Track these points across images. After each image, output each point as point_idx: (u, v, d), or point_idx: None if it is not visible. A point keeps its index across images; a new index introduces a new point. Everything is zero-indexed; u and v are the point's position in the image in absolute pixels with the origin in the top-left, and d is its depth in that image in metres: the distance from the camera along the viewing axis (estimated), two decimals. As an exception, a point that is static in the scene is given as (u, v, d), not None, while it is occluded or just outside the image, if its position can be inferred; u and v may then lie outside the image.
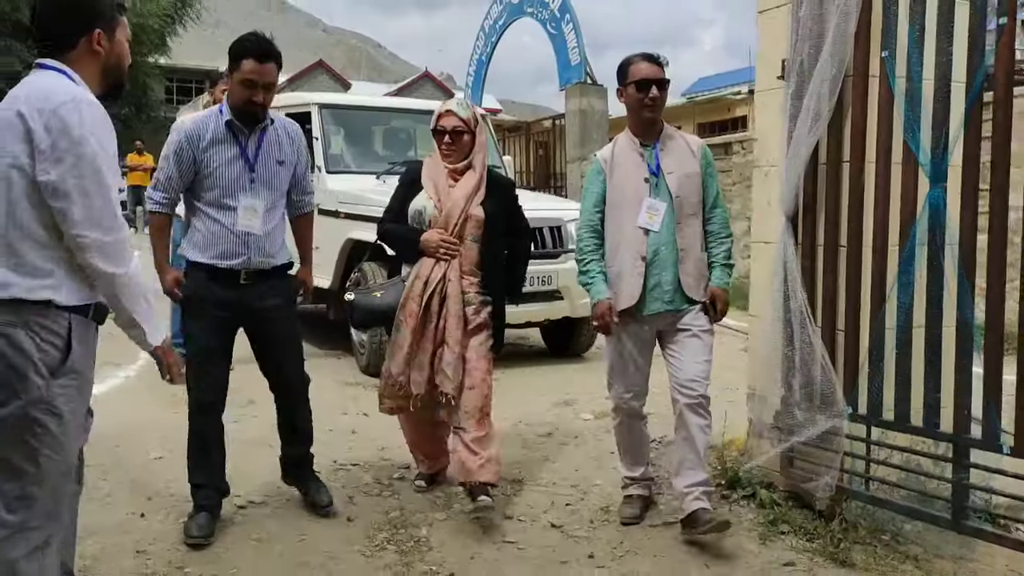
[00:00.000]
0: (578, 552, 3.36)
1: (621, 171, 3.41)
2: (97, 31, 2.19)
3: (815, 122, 3.51)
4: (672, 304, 3.37)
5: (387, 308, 3.57)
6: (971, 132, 3.02)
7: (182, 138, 3.16)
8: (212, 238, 3.18)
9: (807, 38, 3.56)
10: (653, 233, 3.33)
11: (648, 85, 3.33)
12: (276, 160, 3.27)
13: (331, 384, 5.76)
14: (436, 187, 3.54)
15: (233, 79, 3.15)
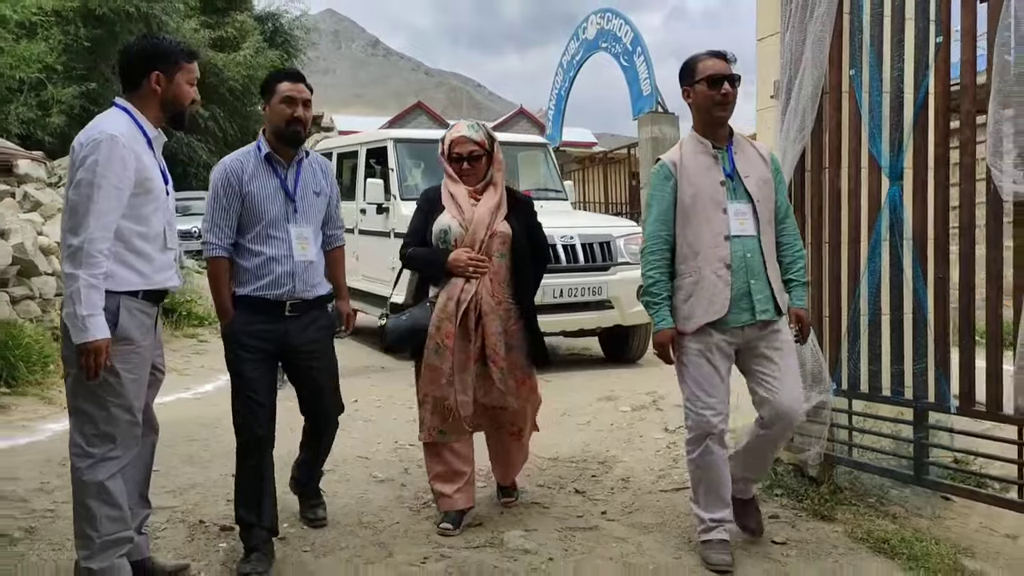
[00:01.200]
0: (595, 511, 3.90)
1: (693, 175, 3.15)
2: (156, 73, 2.73)
3: (799, 133, 4.01)
4: (766, 314, 3.11)
5: (410, 328, 3.53)
6: (918, 136, 3.47)
7: (225, 175, 3.15)
8: (258, 270, 3.15)
9: (791, 62, 4.08)
10: (736, 238, 3.09)
11: (720, 81, 3.12)
12: (313, 191, 3.28)
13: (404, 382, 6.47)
14: (459, 206, 3.52)
15: (272, 103, 3.19)
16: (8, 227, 6.38)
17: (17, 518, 3.54)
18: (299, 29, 29.50)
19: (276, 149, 3.21)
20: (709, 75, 3.13)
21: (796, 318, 3.19)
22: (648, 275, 3.19)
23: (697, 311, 3.10)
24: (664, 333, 3.15)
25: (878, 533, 3.46)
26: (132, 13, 17.60)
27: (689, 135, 3.27)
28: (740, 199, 3.13)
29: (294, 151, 3.24)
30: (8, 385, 5.38)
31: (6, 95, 14.55)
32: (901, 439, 3.65)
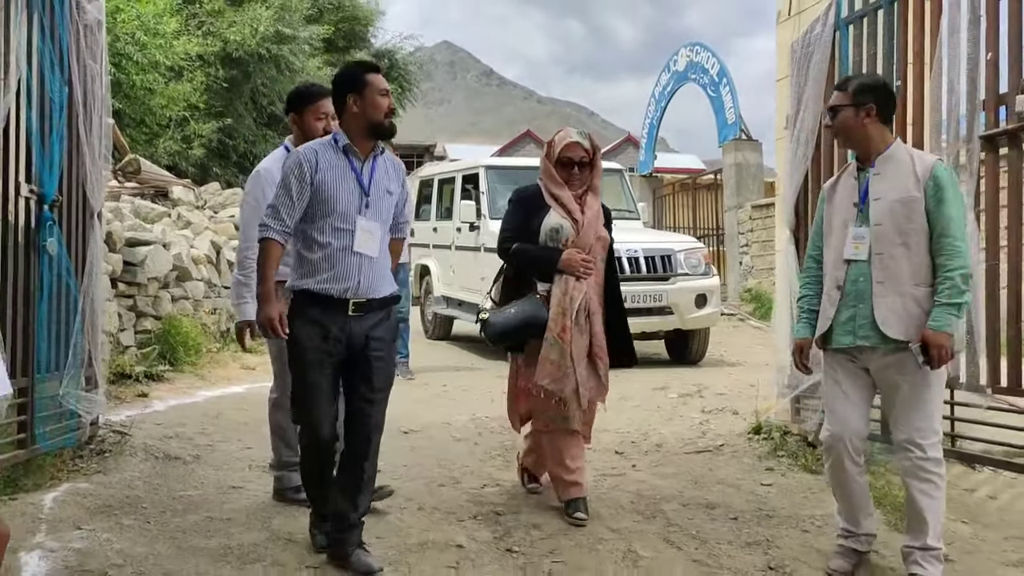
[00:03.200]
0: (626, 464, 4.81)
1: (837, 197, 3.24)
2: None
3: (803, 158, 4.88)
4: (866, 340, 3.06)
5: (521, 322, 3.59)
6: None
7: (299, 162, 3.03)
8: (323, 262, 3.01)
9: (797, 99, 4.94)
10: (854, 263, 3.11)
11: (828, 113, 3.23)
12: (386, 189, 3.16)
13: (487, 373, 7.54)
14: (567, 208, 3.61)
15: (367, 95, 3.04)
16: (169, 240, 7.83)
17: (188, 449, 4.75)
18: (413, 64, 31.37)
19: (356, 143, 3.09)
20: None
21: (923, 339, 2.94)
22: (800, 290, 3.41)
23: (819, 328, 3.23)
24: (797, 341, 3.34)
25: (860, 484, 4.23)
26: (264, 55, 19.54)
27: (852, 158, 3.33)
28: (863, 223, 3.11)
29: (372, 145, 3.13)
30: (170, 364, 6.74)
31: (157, 130, 16.53)
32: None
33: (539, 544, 3.49)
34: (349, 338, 3.05)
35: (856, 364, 3.16)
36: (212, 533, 3.46)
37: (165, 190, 10.44)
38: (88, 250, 4.46)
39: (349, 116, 3.09)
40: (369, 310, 3.08)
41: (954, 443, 4.21)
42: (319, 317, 3.02)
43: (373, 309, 3.09)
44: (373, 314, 3.10)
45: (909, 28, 4.12)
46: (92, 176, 4.47)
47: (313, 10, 23.49)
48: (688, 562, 3.33)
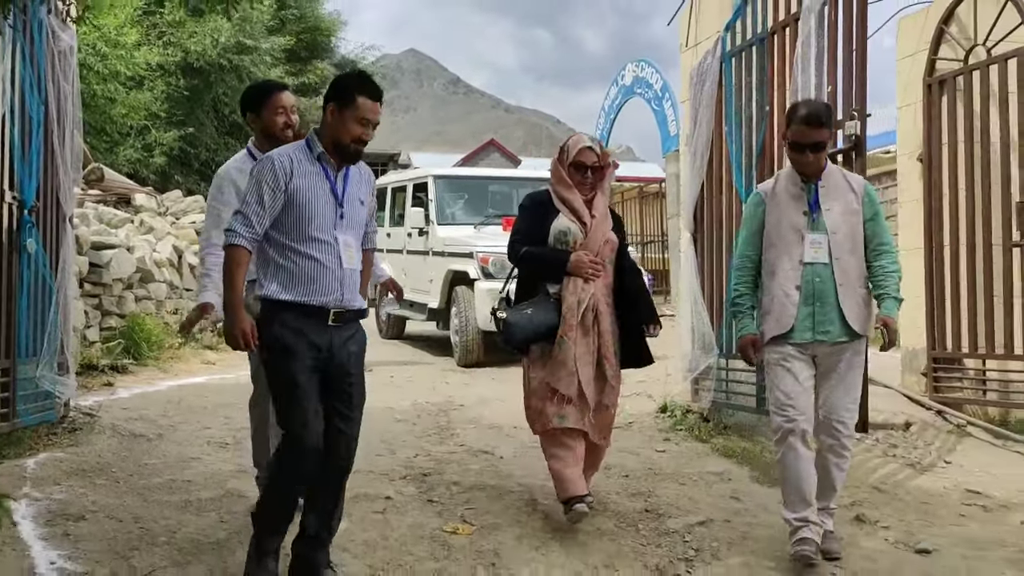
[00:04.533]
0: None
1: (781, 204, 3.41)
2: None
3: (699, 169, 5.58)
4: (828, 335, 3.33)
5: (540, 324, 3.63)
6: (762, 171, 4.98)
7: (272, 167, 2.90)
8: (304, 274, 2.91)
9: (694, 118, 5.66)
10: (809, 265, 3.33)
11: (803, 149, 3.32)
12: (359, 199, 3.10)
13: (434, 367, 8.16)
14: (576, 211, 3.67)
15: (345, 115, 2.92)
16: (133, 244, 8.34)
17: (151, 428, 5.30)
18: (376, 75, 31.78)
19: (330, 153, 2.99)
20: (793, 140, 3.33)
21: (883, 324, 3.29)
22: (735, 288, 3.54)
23: (770, 325, 3.40)
24: (746, 338, 3.48)
25: (732, 447, 4.94)
26: (224, 65, 19.94)
27: (787, 167, 3.52)
28: (818, 230, 3.34)
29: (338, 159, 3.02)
30: (134, 358, 7.26)
31: (118, 139, 16.89)
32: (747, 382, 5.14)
33: (457, 496, 4.13)
34: (331, 347, 2.96)
35: (806, 355, 3.38)
36: (174, 491, 4.04)
37: (128, 197, 10.91)
38: (61, 250, 5.01)
39: (325, 124, 2.99)
40: (346, 321, 3.02)
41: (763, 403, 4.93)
42: (300, 326, 2.90)
43: (349, 320, 3.04)
44: (349, 325, 3.04)
45: (774, 62, 4.84)
46: (64, 185, 5.01)
47: (275, 21, 23.86)
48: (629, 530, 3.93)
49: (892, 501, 4.21)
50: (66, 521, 3.50)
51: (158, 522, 3.59)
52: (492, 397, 6.73)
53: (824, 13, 4.38)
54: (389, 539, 3.56)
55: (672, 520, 3.87)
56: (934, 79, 5.86)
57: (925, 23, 5.99)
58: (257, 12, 21.21)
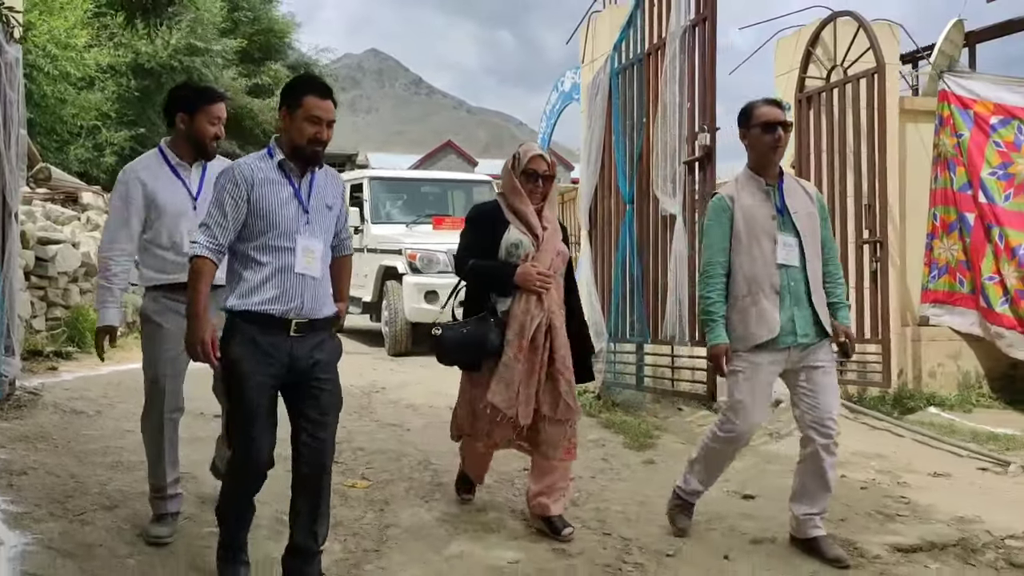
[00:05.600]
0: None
1: (748, 208, 3.37)
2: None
3: (593, 174, 6.24)
4: (807, 337, 3.34)
5: (473, 343, 3.51)
6: (640, 176, 5.65)
7: (234, 177, 2.87)
8: (264, 282, 2.86)
9: (589, 127, 6.31)
10: (784, 268, 3.32)
11: (774, 127, 3.33)
12: (326, 204, 3.03)
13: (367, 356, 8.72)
14: (528, 223, 3.56)
15: (296, 116, 2.90)
16: (79, 240, 8.77)
17: (91, 406, 5.80)
18: (330, 77, 32.14)
19: (290, 159, 2.95)
20: (764, 121, 3.34)
21: (843, 333, 3.42)
22: (707, 296, 3.42)
23: (752, 331, 3.33)
24: (719, 347, 3.36)
25: (614, 420, 5.59)
26: (176, 66, 20.21)
27: (743, 172, 3.48)
28: (788, 232, 3.34)
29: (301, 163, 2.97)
30: (78, 347, 7.72)
31: (68, 139, 17.12)
32: (630, 363, 5.80)
33: (360, 459, 4.72)
34: (292, 360, 2.86)
35: (776, 364, 3.37)
36: (107, 455, 4.57)
37: (75, 196, 11.27)
38: (7, 243, 5.48)
39: (282, 130, 2.98)
40: (311, 331, 2.91)
41: (674, 385, 5.60)
42: (258, 337, 2.83)
43: (315, 330, 2.92)
44: (315, 335, 2.92)
45: (650, 80, 5.51)
46: (10, 183, 5.49)
47: (227, 23, 24.10)
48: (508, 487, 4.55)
49: (736, 459, 4.87)
50: (10, 475, 4.02)
51: (91, 478, 4.12)
52: (413, 381, 7.31)
53: (684, 39, 5.05)
54: (294, 491, 4.14)
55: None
56: (803, 95, 6.59)
57: (797, 44, 6.72)
58: (208, 14, 21.53)
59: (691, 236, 4.98)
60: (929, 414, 6.13)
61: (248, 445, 2.86)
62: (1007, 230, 6.13)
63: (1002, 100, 6.24)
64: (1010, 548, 3.63)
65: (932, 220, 6.62)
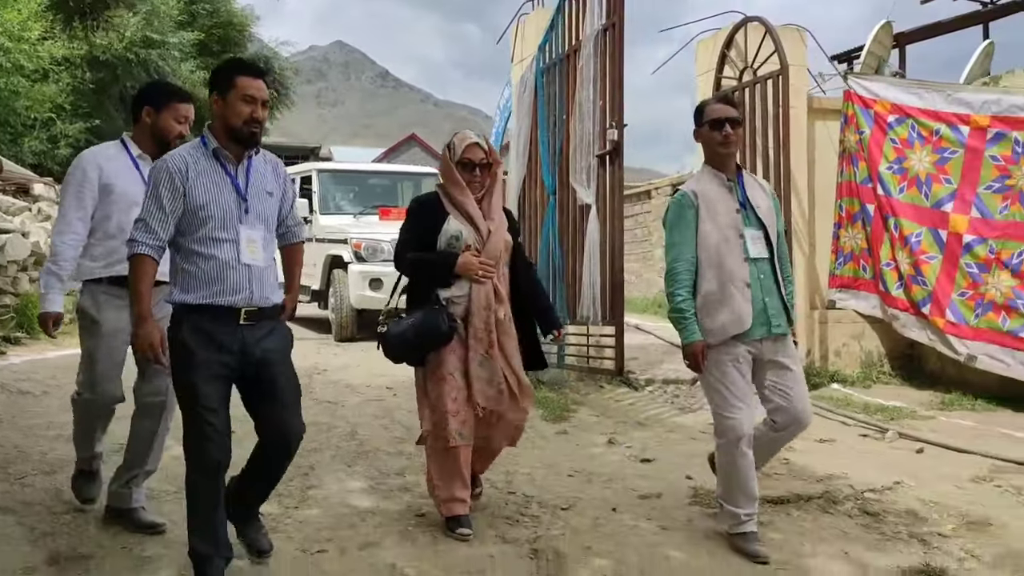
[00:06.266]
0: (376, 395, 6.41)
1: (713, 203, 3.39)
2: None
3: (521, 166, 6.62)
4: (779, 328, 3.39)
5: (422, 336, 3.42)
6: (561, 168, 6.05)
7: (167, 171, 2.82)
8: (210, 275, 2.81)
9: (518, 123, 6.69)
10: (753, 261, 3.35)
11: (722, 124, 3.37)
12: (266, 191, 2.97)
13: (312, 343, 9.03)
14: (470, 214, 3.49)
15: (229, 99, 2.85)
16: (29, 230, 8.97)
17: (38, 387, 6.06)
18: (289, 70, 32.04)
19: (225, 146, 2.90)
20: (712, 118, 3.39)
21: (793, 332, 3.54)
22: (677, 294, 3.38)
23: (724, 325, 3.33)
24: (696, 344, 3.34)
25: (539, 397, 5.96)
26: (131, 59, 20.19)
27: (703, 168, 3.50)
28: (753, 225, 3.38)
29: (242, 148, 2.93)
30: (27, 333, 7.94)
31: (22, 131, 17.10)
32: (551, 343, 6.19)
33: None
34: (243, 349, 2.83)
35: (751, 353, 3.39)
36: (51, 429, 4.86)
37: (26, 187, 11.41)
38: (-45, 231, 5.73)
39: (215, 116, 2.91)
40: (260, 319, 2.89)
41: (588, 363, 6.01)
42: (208, 328, 2.80)
43: (264, 318, 2.90)
44: (264, 323, 2.91)
45: (569, 79, 5.90)
46: (-42, 173, 5.73)
47: (185, 15, 24.05)
48: (391, 438, 4.95)
49: (643, 430, 5.33)
50: (-45, 446, 4.31)
51: (33, 448, 4.42)
52: (354, 364, 7.63)
53: (596, 43, 5.45)
54: (225, 457, 4.48)
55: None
56: (719, 93, 7.02)
57: (714, 46, 7.16)
58: (165, 7, 21.51)
59: (603, 224, 5.38)
60: (831, 390, 6.62)
61: (199, 442, 2.79)
62: (901, 220, 6.62)
63: (898, 100, 6.72)
64: (867, 499, 4.09)
65: (838, 211, 7.10)
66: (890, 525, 3.79)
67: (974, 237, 6.21)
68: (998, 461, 4.75)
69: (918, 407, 6.14)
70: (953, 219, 6.30)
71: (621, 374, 5.45)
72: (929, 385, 6.92)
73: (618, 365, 5.27)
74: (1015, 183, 6.04)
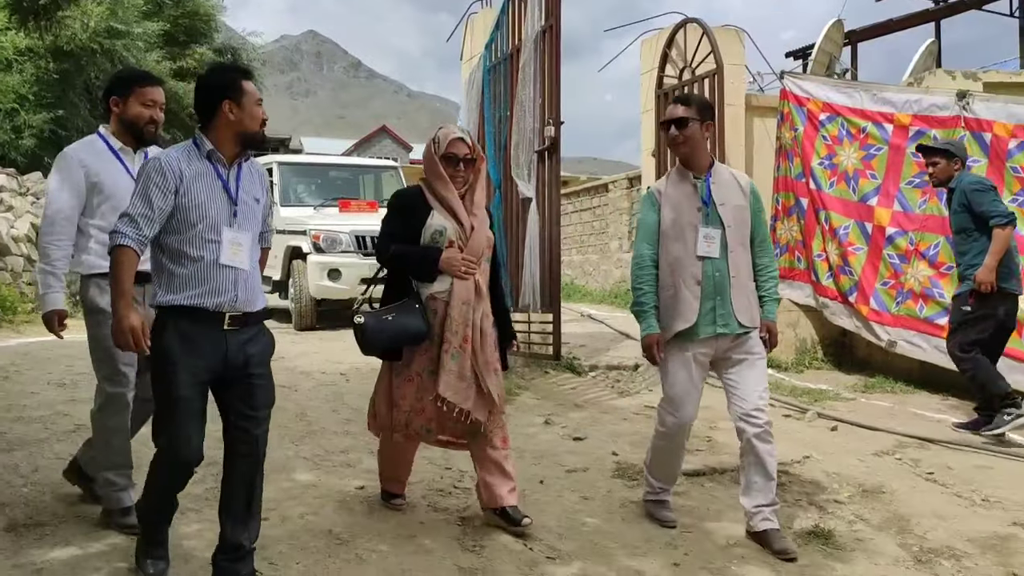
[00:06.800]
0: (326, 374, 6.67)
1: (674, 201, 3.46)
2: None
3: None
4: (727, 328, 3.41)
5: (401, 331, 3.40)
6: (505, 163, 6.33)
7: (162, 169, 2.80)
8: (195, 276, 2.80)
9: (466, 119, 6.95)
10: (708, 260, 3.40)
11: (668, 125, 3.46)
12: (254, 197, 3.00)
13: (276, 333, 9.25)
14: (453, 209, 3.46)
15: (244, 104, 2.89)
16: (-10, 220, 9.11)
17: (3, 370, 6.26)
18: (256, 60, 31.98)
19: (220, 149, 2.90)
20: (662, 121, 3.54)
21: (766, 329, 3.52)
22: (638, 288, 3.49)
23: (673, 321, 3.43)
24: (651, 337, 3.44)
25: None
26: (96, 49, 20.14)
27: (675, 166, 3.61)
28: (712, 224, 3.42)
29: (238, 152, 2.94)
30: (-10, 322, 8.13)
31: (-16, 122, 17.05)
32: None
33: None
34: (226, 355, 2.81)
35: (705, 356, 3.47)
36: (11, 411, 5.07)
37: (-12, 177, 11.48)
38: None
39: (222, 122, 2.88)
40: (244, 324, 2.87)
41: (530, 348, 6.32)
42: (191, 331, 2.78)
43: (248, 323, 2.89)
44: (248, 328, 2.89)
45: (512, 78, 6.18)
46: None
47: (151, 5, 23.94)
48: (339, 419, 5.21)
49: (579, 411, 5.64)
50: (-83, 427, 4.52)
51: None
52: (312, 352, 7.87)
53: (536, 43, 5.73)
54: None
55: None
56: (661, 91, 7.35)
57: (657, 45, 7.47)
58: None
59: (541, 217, 5.68)
60: (764, 375, 6.97)
61: (178, 442, 2.78)
62: (831, 214, 6.99)
63: (829, 99, 7.08)
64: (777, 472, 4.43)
65: (775, 204, 7.46)
66: (793, 494, 4.14)
67: (896, 229, 6.58)
68: (902, 437, 5.13)
69: (843, 390, 6.51)
70: (878, 212, 6.67)
71: (559, 358, 5.76)
72: (858, 370, 7.30)
73: (555, 350, 5.57)
74: (933, 179, 6.42)
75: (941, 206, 6.26)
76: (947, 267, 6.22)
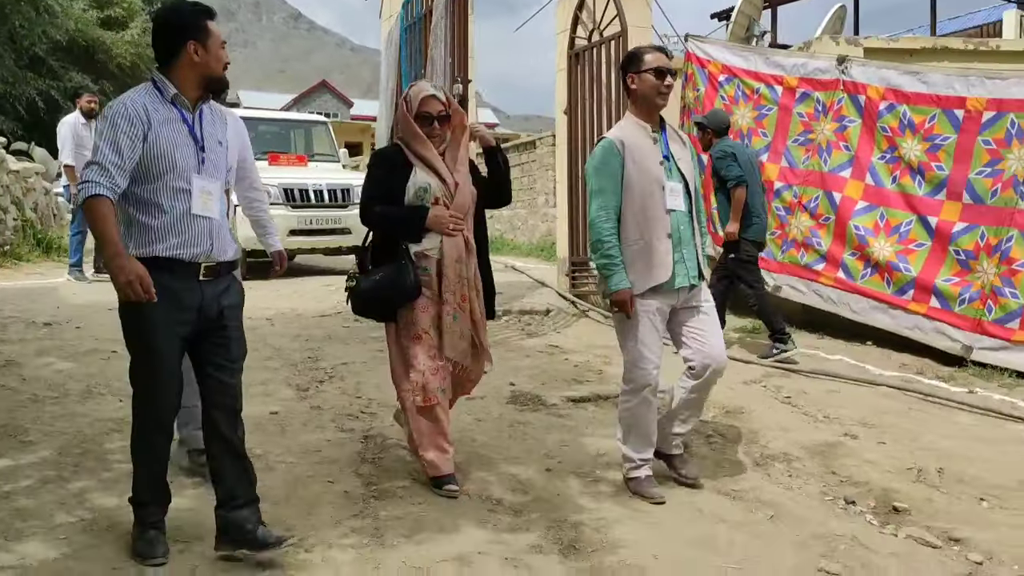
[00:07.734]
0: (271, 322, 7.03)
1: (638, 154, 3.42)
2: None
3: (388, 117, 7.23)
4: (695, 279, 3.48)
5: (391, 290, 3.40)
6: (420, 119, 6.70)
7: (128, 115, 2.67)
8: (169, 227, 2.73)
9: (385, 76, 7.28)
10: (673, 212, 3.42)
11: (664, 73, 3.43)
12: (217, 140, 2.89)
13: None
14: (435, 167, 3.42)
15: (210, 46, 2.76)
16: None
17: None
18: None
19: (184, 92, 2.79)
20: (656, 67, 3.42)
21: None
22: (606, 240, 3.41)
23: (645, 275, 3.40)
24: (625, 292, 3.39)
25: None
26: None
27: (627, 118, 3.54)
28: (674, 178, 3.45)
29: (200, 95, 2.84)
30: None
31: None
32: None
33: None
34: (202, 305, 2.78)
35: (669, 305, 3.50)
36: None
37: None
38: None
39: (185, 64, 2.76)
40: (219, 274, 2.83)
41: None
42: (168, 283, 2.69)
43: (222, 273, 2.85)
44: (223, 278, 2.86)
45: (425, 37, 6.53)
46: None
47: (77, -50, 23.28)
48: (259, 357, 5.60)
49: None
50: None
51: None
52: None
53: (447, 4, 6.08)
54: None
55: (324, 362, 5.60)
56: (573, 52, 7.74)
57: (570, 6, 7.84)
58: (54, -57, 20.81)
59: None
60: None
61: (153, 393, 2.79)
62: (725, 169, 7.53)
63: (727, 62, 7.57)
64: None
65: (679, 160, 7.96)
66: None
67: (783, 184, 7.16)
68: (770, 368, 5.74)
69: (731, 332, 7.11)
70: (767, 168, 7.22)
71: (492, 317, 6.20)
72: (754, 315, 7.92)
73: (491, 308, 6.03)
74: (815, 137, 6.98)
75: (820, 162, 6.85)
76: (825, 218, 6.83)
